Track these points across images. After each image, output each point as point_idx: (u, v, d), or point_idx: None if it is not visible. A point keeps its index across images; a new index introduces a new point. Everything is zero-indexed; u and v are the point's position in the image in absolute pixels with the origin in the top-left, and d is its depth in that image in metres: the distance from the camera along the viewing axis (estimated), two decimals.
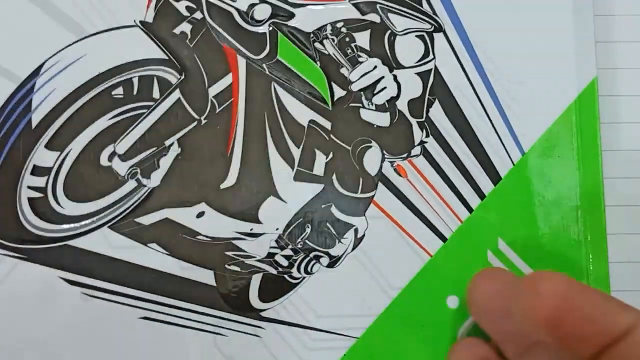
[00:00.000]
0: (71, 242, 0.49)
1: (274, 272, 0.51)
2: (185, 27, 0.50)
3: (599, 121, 0.54)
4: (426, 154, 0.52)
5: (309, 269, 0.51)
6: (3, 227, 0.48)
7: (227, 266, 0.50)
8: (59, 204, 0.48)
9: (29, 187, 0.48)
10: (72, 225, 0.49)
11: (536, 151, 0.55)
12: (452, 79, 0.54)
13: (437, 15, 0.53)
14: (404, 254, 0.53)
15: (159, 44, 0.50)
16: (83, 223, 0.49)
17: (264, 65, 0.51)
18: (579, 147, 0.54)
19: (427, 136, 0.52)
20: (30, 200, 0.48)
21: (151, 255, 0.50)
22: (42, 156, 0.49)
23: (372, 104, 0.52)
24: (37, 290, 0.48)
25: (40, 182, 0.48)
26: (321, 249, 0.51)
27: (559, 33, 0.55)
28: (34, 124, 0.48)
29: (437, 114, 0.53)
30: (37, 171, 0.48)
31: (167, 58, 0.50)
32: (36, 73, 0.49)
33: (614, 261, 0.53)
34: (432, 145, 0.53)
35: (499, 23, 0.54)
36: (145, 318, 0.49)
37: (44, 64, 0.49)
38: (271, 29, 0.51)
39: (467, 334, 0.52)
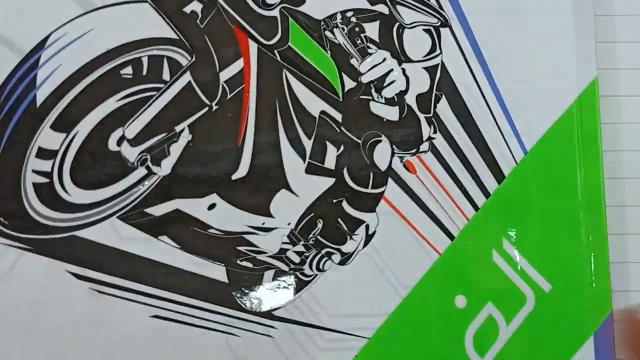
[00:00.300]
0: (78, 233, 0.49)
1: (286, 268, 0.50)
2: (196, 6, 0.51)
3: (599, 121, 0.56)
4: (434, 150, 0.54)
5: (321, 266, 0.52)
6: (7, 213, 0.46)
7: (238, 261, 0.49)
8: (65, 190, 0.47)
9: (34, 171, 0.47)
10: (79, 214, 0.47)
11: (537, 150, 0.61)
12: (458, 75, 0.60)
13: (443, 10, 0.54)
14: (413, 252, 0.58)
15: (169, 21, 0.48)
16: (91, 212, 0.49)
17: (275, 51, 0.50)
18: (579, 146, 0.57)
19: (435, 132, 0.55)
20: (35, 185, 0.46)
21: (162, 249, 0.51)
22: (48, 137, 0.50)
23: (382, 97, 0.53)
24: (43, 284, 0.47)
25: (45, 165, 0.47)
26: (332, 245, 0.52)
27: (559, 33, 0.60)
28: (39, 101, 0.48)
29: (444, 110, 0.57)
30: (42, 153, 0.48)
31: (176, 37, 0.49)
32: (41, 46, 0.47)
33: (614, 261, 0.56)
34: (440, 142, 0.56)
35: (500, 22, 0.61)
36: (156, 316, 0.47)
37: (49, 36, 0.47)
38: (282, 13, 0.51)
39: None
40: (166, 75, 0.54)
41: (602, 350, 0.60)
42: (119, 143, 0.53)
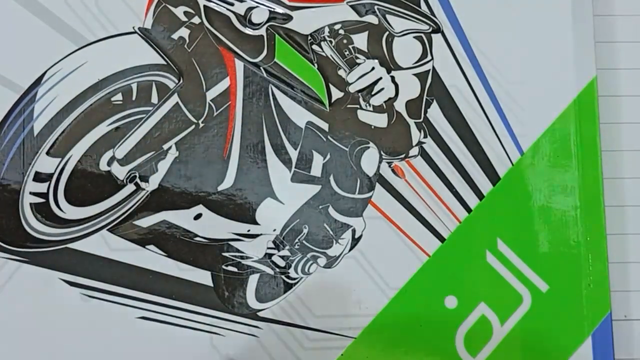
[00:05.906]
0: (71, 245, 0.56)
1: (271, 272, 0.56)
2: (183, 32, 0.57)
3: (599, 121, 0.58)
4: (424, 154, 0.58)
5: (306, 269, 0.58)
6: (6, 231, 0.56)
7: (224, 267, 0.56)
8: (59, 208, 0.55)
9: (31, 193, 0.55)
10: (72, 229, 0.55)
11: (535, 151, 0.62)
12: (450, 80, 0.62)
13: (435, 16, 0.60)
14: (401, 254, 0.61)
15: (157, 49, 0.55)
16: (83, 226, 0.56)
17: (262, 68, 0.56)
18: (578, 147, 0.60)
19: (425, 137, 0.59)
20: (32, 205, 0.54)
21: (149, 257, 0.58)
22: (44, 162, 0.59)
23: (369, 105, 0.58)
24: (37, 291, 0.55)
25: (41, 187, 0.56)
26: (318, 249, 0.58)
27: (558, 33, 0.63)
28: (36, 131, 0.56)
29: (435, 114, 0.60)
30: (38, 177, 0.55)
31: (165, 63, 0.55)
32: (37, 82, 0.56)
33: (614, 261, 0.59)
34: (430, 146, 0.60)
35: (497, 23, 0.63)
36: (143, 317, 0.55)
37: (45, 73, 0.55)
38: (269, 31, 0.56)
39: None
40: (155, 99, 0.61)
41: (600, 351, 0.63)
42: (109, 163, 0.61)
